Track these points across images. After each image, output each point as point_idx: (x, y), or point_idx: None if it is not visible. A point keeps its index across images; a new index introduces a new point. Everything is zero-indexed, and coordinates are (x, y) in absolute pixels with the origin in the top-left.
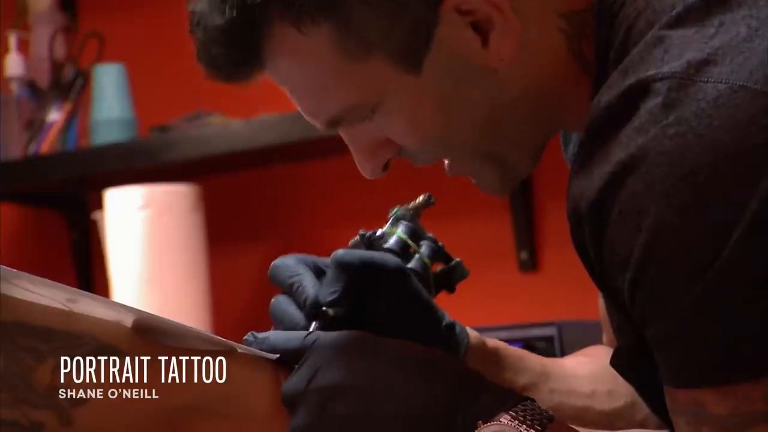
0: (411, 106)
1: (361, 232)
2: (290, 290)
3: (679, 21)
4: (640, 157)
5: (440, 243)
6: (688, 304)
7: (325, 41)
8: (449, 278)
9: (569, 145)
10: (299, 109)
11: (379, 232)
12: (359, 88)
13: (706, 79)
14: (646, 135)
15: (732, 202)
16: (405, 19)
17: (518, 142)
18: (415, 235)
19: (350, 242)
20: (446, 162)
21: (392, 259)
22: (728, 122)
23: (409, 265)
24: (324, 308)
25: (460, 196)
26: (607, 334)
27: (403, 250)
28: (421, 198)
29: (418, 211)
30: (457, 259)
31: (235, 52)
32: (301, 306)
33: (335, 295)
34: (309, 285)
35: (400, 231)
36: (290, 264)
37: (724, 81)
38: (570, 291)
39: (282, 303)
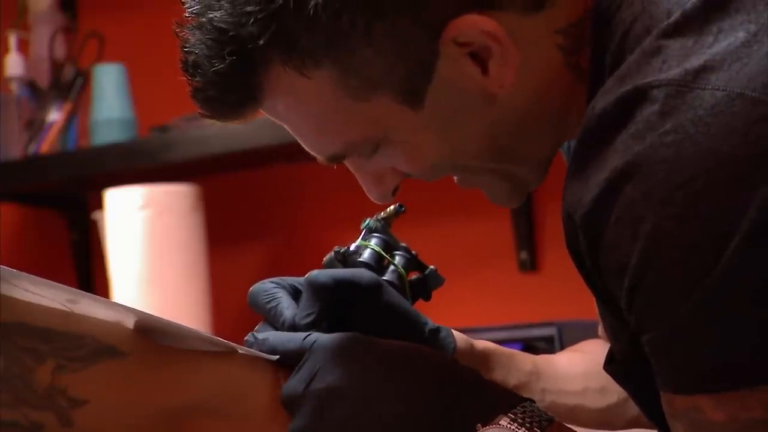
0: (414, 138)
1: (336, 248)
2: (268, 315)
3: (677, 29)
4: (637, 165)
5: (414, 252)
6: (686, 311)
7: (326, 82)
8: (425, 286)
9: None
10: (299, 142)
11: (352, 246)
12: (361, 127)
13: (703, 86)
14: (643, 142)
15: (729, 210)
16: (407, 56)
17: (523, 158)
18: (388, 246)
19: (324, 259)
20: (456, 176)
21: (366, 274)
22: (725, 130)
23: (385, 277)
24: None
25: (460, 196)
26: (603, 326)
27: (378, 263)
28: (391, 208)
29: (388, 221)
30: (432, 267)
31: (233, 95)
32: (280, 331)
33: (311, 318)
34: (286, 309)
35: (374, 244)
36: (267, 288)
37: (721, 88)
38: (570, 291)
39: (264, 331)
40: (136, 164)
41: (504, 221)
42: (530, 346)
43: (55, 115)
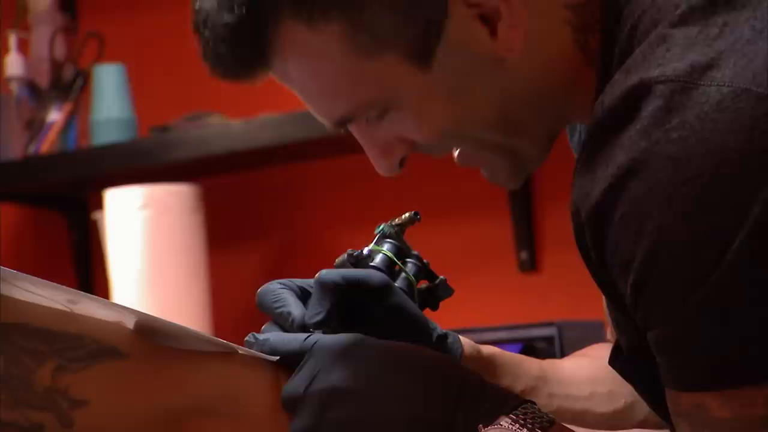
0: (422, 101)
1: (349, 251)
2: (276, 316)
3: (682, 20)
4: (643, 161)
5: (426, 261)
6: (691, 308)
7: (335, 38)
8: (433, 296)
9: (575, 134)
10: (308, 107)
11: (365, 250)
12: (370, 86)
13: (709, 83)
14: (649, 139)
15: (735, 206)
16: (417, 15)
17: (529, 132)
18: (401, 253)
19: (337, 260)
20: (456, 152)
21: (376, 275)
22: (731, 126)
23: (395, 284)
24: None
25: (461, 196)
26: (610, 329)
27: (389, 269)
28: (406, 215)
29: (403, 227)
30: (442, 277)
31: (243, 51)
32: (288, 331)
33: (320, 316)
34: (294, 308)
35: (386, 249)
36: (274, 289)
37: (727, 84)
38: (570, 291)
39: (269, 332)
40: (136, 164)
41: (504, 221)
42: (530, 346)
43: (55, 115)
